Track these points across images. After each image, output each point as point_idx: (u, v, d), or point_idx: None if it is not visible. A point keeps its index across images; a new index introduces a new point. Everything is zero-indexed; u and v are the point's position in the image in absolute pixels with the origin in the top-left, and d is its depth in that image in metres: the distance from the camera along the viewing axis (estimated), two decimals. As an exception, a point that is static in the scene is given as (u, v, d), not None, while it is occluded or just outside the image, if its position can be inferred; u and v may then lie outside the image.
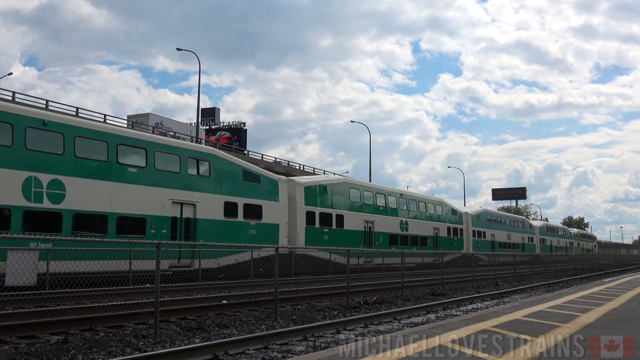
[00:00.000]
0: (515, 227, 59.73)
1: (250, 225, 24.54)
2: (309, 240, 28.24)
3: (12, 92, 32.94)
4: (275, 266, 11.79)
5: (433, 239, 40.79)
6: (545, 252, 60.72)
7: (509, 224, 58.23)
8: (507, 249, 53.24)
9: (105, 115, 37.64)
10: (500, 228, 54.99)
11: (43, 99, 35.16)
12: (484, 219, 51.57)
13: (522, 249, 58.14)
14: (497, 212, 62.38)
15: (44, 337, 8.91)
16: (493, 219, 54.32)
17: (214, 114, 74.62)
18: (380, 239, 34.30)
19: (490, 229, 52.04)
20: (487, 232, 51.16)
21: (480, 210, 53.94)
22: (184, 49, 42.23)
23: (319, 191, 30.44)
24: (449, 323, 9.11)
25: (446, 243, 42.09)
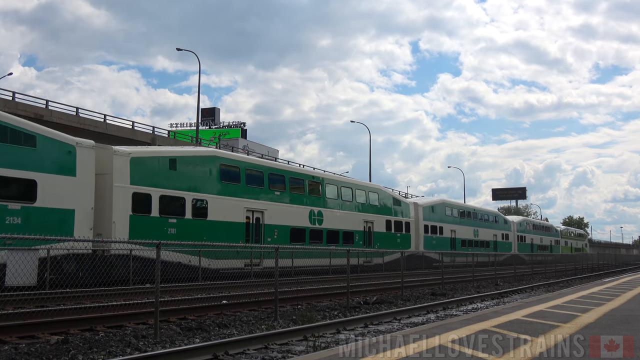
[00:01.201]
0: (484, 222, 51.88)
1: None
2: (136, 233, 19.51)
3: (12, 92, 32.97)
4: (275, 266, 11.79)
5: (364, 235, 33.04)
6: (525, 251, 55.59)
7: (476, 219, 50.23)
8: (475, 248, 46.15)
9: (105, 115, 37.68)
10: (465, 223, 47.03)
11: (43, 99, 35.19)
12: (440, 211, 43.53)
13: (495, 248, 51.28)
14: (460, 204, 51.95)
15: (44, 337, 8.91)
16: (454, 212, 45.95)
17: (214, 114, 74.66)
18: (274, 234, 26.07)
19: (450, 224, 44.28)
20: (446, 228, 43.46)
21: (436, 201, 45.55)
22: (184, 49, 42.21)
23: (160, 165, 21.71)
24: (449, 323, 9.11)
25: (384, 240, 34.62)
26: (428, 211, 41.68)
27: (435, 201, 45.35)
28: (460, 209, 48.48)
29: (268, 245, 23.18)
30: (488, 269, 31.13)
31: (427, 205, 42.42)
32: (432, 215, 41.95)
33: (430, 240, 40.89)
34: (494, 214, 57.49)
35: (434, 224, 42.10)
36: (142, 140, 37.55)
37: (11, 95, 32.61)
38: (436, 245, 40.54)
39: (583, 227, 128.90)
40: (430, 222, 41.41)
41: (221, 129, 73.22)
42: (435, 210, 42.91)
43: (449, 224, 44.25)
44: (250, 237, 24.86)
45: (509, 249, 53.95)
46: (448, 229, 43.90)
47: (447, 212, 44.97)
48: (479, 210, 54.15)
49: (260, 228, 25.59)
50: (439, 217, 42.88)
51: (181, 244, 12.71)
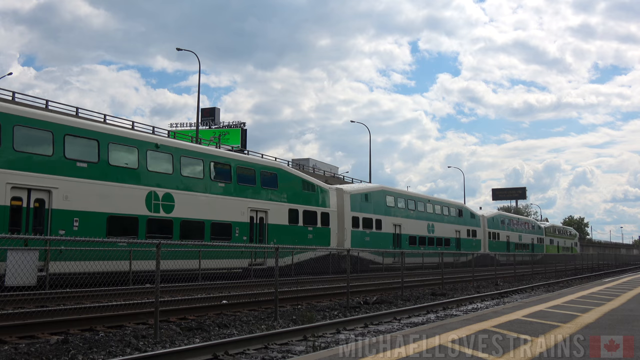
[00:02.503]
0: (444, 215, 43.26)
1: None
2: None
3: (12, 92, 33.00)
4: (275, 266, 11.79)
5: (250, 228, 24.99)
6: (498, 250, 48.42)
7: (431, 211, 41.50)
8: (430, 246, 39.10)
9: (105, 115, 37.70)
10: (414, 216, 38.93)
11: (43, 99, 35.24)
12: (378, 201, 35.00)
13: (457, 246, 43.63)
14: (407, 192, 43.25)
15: (44, 337, 8.91)
16: (399, 202, 37.54)
17: (214, 114, 74.51)
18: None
19: (393, 217, 36.06)
20: (386, 221, 35.09)
21: (371, 187, 36.46)
22: (183, 49, 42.20)
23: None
24: (449, 323, 9.11)
25: (286, 234, 26.25)
26: (359, 200, 33.02)
27: (371, 188, 36.12)
28: (408, 198, 39.50)
29: (268, 246, 23.18)
30: (488, 269, 31.10)
31: (357, 192, 33.48)
32: (366, 205, 33.53)
33: (362, 236, 32.44)
34: (457, 206, 47.99)
35: (368, 216, 33.57)
36: (142, 140, 37.44)
37: (11, 95, 32.65)
38: (371, 243, 32.71)
39: (583, 227, 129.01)
40: (362, 214, 32.94)
41: (221, 129, 73.16)
42: (371, 199, 34.20)
43: (391, 216, 35.80)
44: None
45: (477, 248, 46.88)
46: (389, 222, 35.42)
47: (389, 202, 36.33)
48: (436, 200, 44.73)
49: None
50: (375, 207, 34.42)
51: (182, 244, 12.72)
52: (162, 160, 21.73)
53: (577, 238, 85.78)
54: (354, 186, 37.65)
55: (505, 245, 53.75)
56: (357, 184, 46.26)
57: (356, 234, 32.03)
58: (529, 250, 58.34)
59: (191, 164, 22.91)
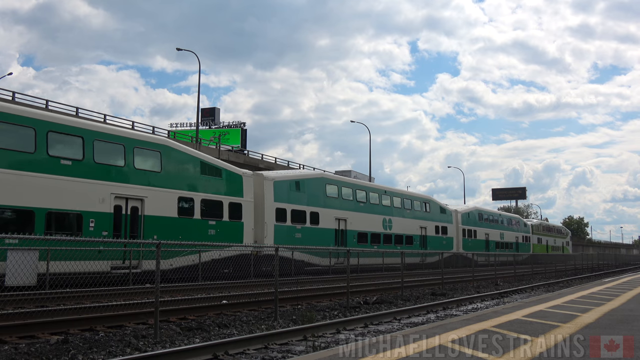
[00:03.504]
0: (405, 210, 37.60)
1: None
2: None
3: (12, 92, 33.01)
4: (275, 266, 11.80)
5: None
6: (475, 249, 43.28)
7: (387, 205, 35.59)
8: (385, 245, 33.56)
9: (105, 115, 37.71)
10: (364, 209, 32.97)
11: (43, 99, 35.24)
12: (315, 191, 29.17)
13: (422, 244, 38.25)
14: (350, 180, 36.66)
15: (44, 337, 8.91)
16: (342, 192, 31.54)
17: (213, 114, 74.46)
18: None
19: (335, 209, 30.35)
20: (326, 214, 29.48)
21: (296, 175, 29.76)
22: (184, 49, 42.21)
23: None
24: (449, 323, 9.11)
25: (167, 229, 20.63)
26: (287, 189, 27.19)
27: (304, 174, 30.71)
28: (357, 188, 33.72)
29: (268, 246, 23.14)
30: (488, 269, 31.07)
31: (283, 179, 27.35)
32: (297, 195, 27.79)
33: (290, 232, 26.74)
34: (423, 199, 41.93)
35: (300, 208, 27.75)
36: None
37: (11, 95, 32.67)
38: (303, 240, 27.10)
39: (583, 227, 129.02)
40: (291, 206, 27.18)
41: (221, 129, 73.16)
42: (304, 189, 28.45)
43: (333, 209, 30.26)
44: None
45: (449, 246, 41.78)
46: (330, 216, 29.78)
47: (330, 192, 30.39)
48: (395, 192, 38.57)
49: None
50: (311, 198, 28.66)
51: (182, 244, 12.73)
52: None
53: (569, 237, 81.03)
54: (282, 172, 31.19)
55: (484, 244, 48.66)
56: (291, 170, 38.58)
57: (282, 229, 26.24)
58: (512, 249, 52.95)
59: (14, 132, 17.39)
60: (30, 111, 19.11)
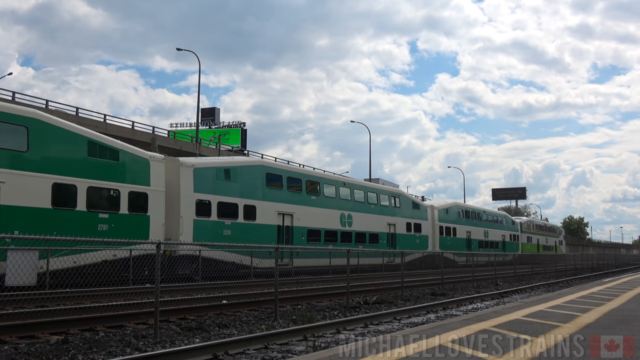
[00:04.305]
0: (364, 204, 32.91)
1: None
2: None
3: (12, 92, 33.02)
4: (275, 266, 11.79)
5: None
6: (455, 248, 39.81)
7: (339, 198, 30.66)
8: (340, 243, 29.13)
9: (105, 115, 37.71)
10: (314, 203, 28.69)
11: (43, 99, 35.23)
12: (251, 182, 25.16)
13: (390, 243, 34.24)
14: (301, 171, 32.42)
15: (44, 337, 8.91)
16: (287, 186, 27.32)
17: (213, 114, 74.49)
18: None
19: (274, 202, 26.06)
20: (264, 208, 25.34)
21: (226, 162, 25.43)
22: (183, 49, 42.21)
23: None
24: (449, 323, 9.11)
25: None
26: (212, 178, 23.41)
27: (238, 162, 26.19)
28: (307, 178, 29.48)
29: (268, 245, 23.09)
30: (488, 269, 31.03)
31: (208, 166, 23.63)
32: (226, 185, 23.76)
33: (216, 228, 23.04)
34: (391, 192, 37.21)
35: (229, 201, 23.76)
36: (142, 141, 37.40)
37: (11, 95, 32.67)
38: (234, 237, 23.04)
39: (583, 227, 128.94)
40: (218, 197, 23.27)
41: (221, 129, 73.17)
42: (237, 178, 24.50)
43: (275, 202, 26.23)
44: None
45: (423, 245, 37.92)
46: (271, 210, 25.88)
47: (271, 183, 26.28)
48: (356, 184, 34.08)
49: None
50: (245, 189, 24.75)
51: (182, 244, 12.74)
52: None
53: (562, 236, 76.69)
54: (207, 159, 27.39)
55: (465, 242, 44.56)
56: (222, 157, 32.60)
57: (204, 225, 22.41)
58: (498, 249, 49.54)
59: None
60: None
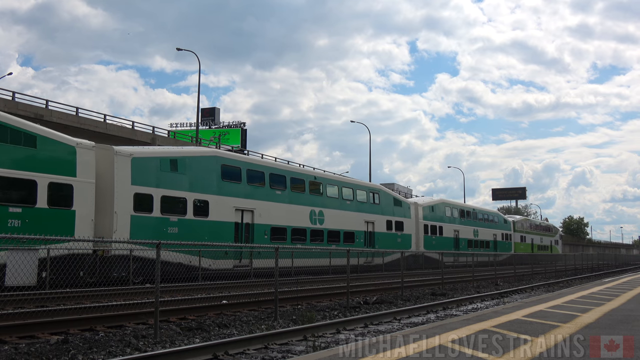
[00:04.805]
0: (338, 200, 30.50)
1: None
2: None
3: (12, 92, 33.00)
4: (275, 266, 11.79)
5: None
6: (441, 248, 37.02)
7: (308, 193, 28.24)
8: (309, 242, 27.27)
9: (105, 115, 37.70)
10: (278, 199, 26.24)
11: (43, 99, 35.18)
12: (202, 174, 22.54)
13: (368, 242, 32.08)
14: (263, 163, 29.01)
15: (44, 337, 8.91)
16: (247, 180, 24.77)
17: (213, 114, 74.50)
18: None
19: (229, 196, 23.57)
20: (218, 204, 22.90)
21: (172, 152, 22.56)
22: (183, 49, 42.19)
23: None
24: (449, 323, 9.11)
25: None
26: (155, 169, 20.80)
27: (186, 152, 23.11)
28: (271, 171, 26.75)
29: (268, 246, 23.10)
30: (488, 269, 30.98)
31: (149, 156, 21.00)
32: (172, 178, 21.27)
33: (160, 225, 20.42)
34: (370, 188, 34.78)
35: (176, 195, 21.41)
36: (142, 140, 37.50)
37: (11, 95, 32.67)
38: (181, 235, 20.41)
39: (583, 227, 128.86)
40: (162, 191, 20.84)
41: (221, 129, 73.20)
42: (185, 169, 21.87)
43: (232, 197, 23.89)
44: None
45: (406, 245, 35.41)
46: (227, 206, 23.56)
47: (226, 176, 23.80)
48: (329, 178, 32.48)
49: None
50: (195, 183, 22.23)
51: (182, 244, 12.74)
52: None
53: (558, 235, 73.45)
54: (150, 148, 24.60)
55: (453, 242, 42.34)
56: (169, 147, 28.87)
57: (145, 222, 19.96)
58: (489, 249, 47.23)
59: None
60: None
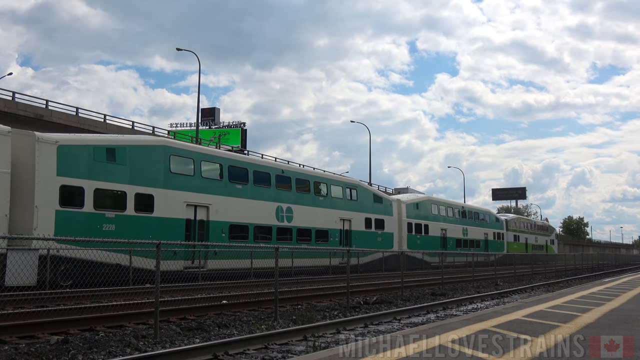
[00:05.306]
0: (310, 196, 28.13)
1: None
2: None
3: (12, 92, 32.99)
4: (275, 266, 11.79)
5: None
6: (427, 248, 36.05)
7: (274, 188, 25.83)
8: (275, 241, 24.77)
9: (105, 115, 37.69)
10: (238, 194, 23.91)
11: (43, 99, 35.16)
12: (147, 166, 20.35)
13: (344, 241, 29.89)
14: (219, 154, 25.21)
15: (44, 337, 8.91)
16: (201, 172, 22.46)
17: (213, 114, 74.47)
18: None
19: (180, 190, 21.25)
20: (166, 199, 20.59)
21: (109, 140, 20.53)
22: (183, 49, 42.18)
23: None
24: (449, 323, 9.11)
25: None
26: (89, 159, 18.46)
27: (127, 141, 20.79)
28: (230, 164, 24.10)
29: (268, 245, 23.09)
30: (488, 269, 31.00)
31: (80, 144, 18.62)
32: (110, 169, 19.02)
33: (94, 222, 18.19)
34: (346, 183, 32.31)
35: (114, 188, 19.17)
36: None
37: (11, 95, 32.65)
38: (119, 232, 18.33)
39: (583, 227, 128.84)
40: (96, 183, 18.48)
41: (221, 129, 73.18)
42: (126, 161, 19.62)
43: (182, 190, 21.49)
44: None
45: (387, 244, 33.39)
46: (177, 201, 21.17)
47: (176, 168, 21.47)
48: (299, 173, 29.87)
49: None
50: (137, 175, 19.92)
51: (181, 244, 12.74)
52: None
53: (554, 234, 70.79)
54: (83, 135, 21.39)
55: (439, 241, 39.99)
56: (107, 135, 26.39)
57: (74, 218, 17.74)
58: (480, 248, 45.11)
59: None
60: None
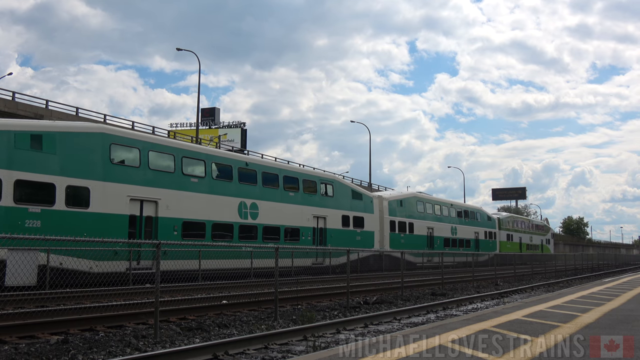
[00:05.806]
0: (279, 191, 26.24)
1: None
2: None
3: (12, 92, 33.00)
4: (275, 266, 11.79)
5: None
6: (412, 247, 34.00)
7: (237, 182, 23.95)
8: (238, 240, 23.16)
9: (105, 115, 37.68)
10: (195, 188, 22.00)
11: (43, 99, 35.16)
12: (82, 155, 18.28)
13: (318, 240, 28.27)
14: (168, 143, 23.66)
15: (44, 337, 8.91)
16: (148, 164, 20.39)
17: (213, 114, 74.47)
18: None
19: (119, 183, 19.17)
20: (103, 192, 18.49)
21: (54, 127, 18.35)
22: (183, 49, 42.18)
23: None
24: (449, 323, 9.11)
25: None
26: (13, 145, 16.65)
27: (67, 127, 18.82)
28: (185, 155, 22.14)
29: (267, 245, 23.08)
30: (488, 269, 31.01)
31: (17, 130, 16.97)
32: (28, 158, 17.06)
33: (14, 218, 16.34)
34: (322, 178, 30.67)
35: (41, 180, 17.27)
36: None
37: (11, 95, 32.66)
38: (45, 231, 15.52)
39: (583, 227, 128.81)
40: (24, 175, 16.88)
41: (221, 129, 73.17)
42: (55, 149, 17.66)
43: (124, 183, 19.55)
44: None
45: (367, 243, 31.79)
46: (120, 195, 19.24)
47: (117, 157, 19.69)
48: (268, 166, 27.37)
49: None
50: (66, 165, 17.82)
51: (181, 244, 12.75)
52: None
53: (550, 234, 68.60)
54: (2, 121, 18.21)
55: (426, 240, 38.15)
56: (35, 121, 24.34)
57: (12, 213, 16.29)
58: (470, 248, 43.09)
59: None
60: None
